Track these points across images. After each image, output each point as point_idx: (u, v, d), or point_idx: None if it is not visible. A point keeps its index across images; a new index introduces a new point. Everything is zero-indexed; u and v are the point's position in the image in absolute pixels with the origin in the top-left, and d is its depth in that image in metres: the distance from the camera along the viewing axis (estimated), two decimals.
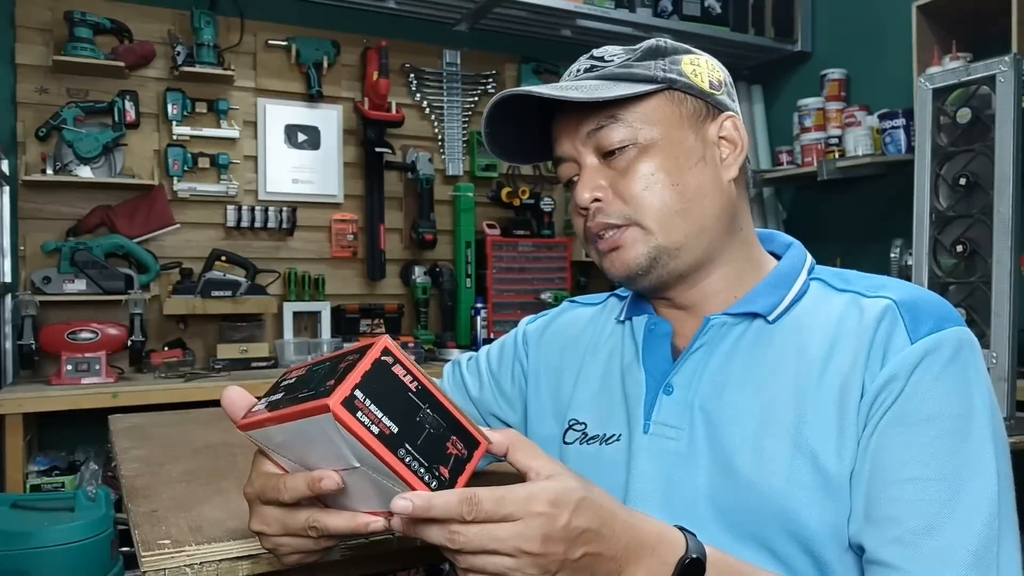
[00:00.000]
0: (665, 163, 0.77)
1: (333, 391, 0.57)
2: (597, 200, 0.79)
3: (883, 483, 0.67)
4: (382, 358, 0.60)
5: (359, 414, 0.57)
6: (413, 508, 0.56)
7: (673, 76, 0.79)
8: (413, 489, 0.59)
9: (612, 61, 0.81)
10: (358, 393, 0.58)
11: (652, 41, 0.82)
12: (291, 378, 0.68)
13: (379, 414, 0.58)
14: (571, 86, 0.78)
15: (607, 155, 0.79)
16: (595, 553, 0.60)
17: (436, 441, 0.60)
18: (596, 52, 0.83)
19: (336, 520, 0.64)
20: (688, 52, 0.82)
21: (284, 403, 0.64)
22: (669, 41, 0.82)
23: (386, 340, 0.61)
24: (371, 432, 0.57)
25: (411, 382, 0.61)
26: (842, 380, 0.71)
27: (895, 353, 0.69)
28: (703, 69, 0.81)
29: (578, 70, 0.82)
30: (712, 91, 0.81)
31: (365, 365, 0.59)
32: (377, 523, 0.63)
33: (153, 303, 2.94)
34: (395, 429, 0.59)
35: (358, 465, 0.61)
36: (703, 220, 0.78)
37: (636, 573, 0.61)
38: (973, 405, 0.68)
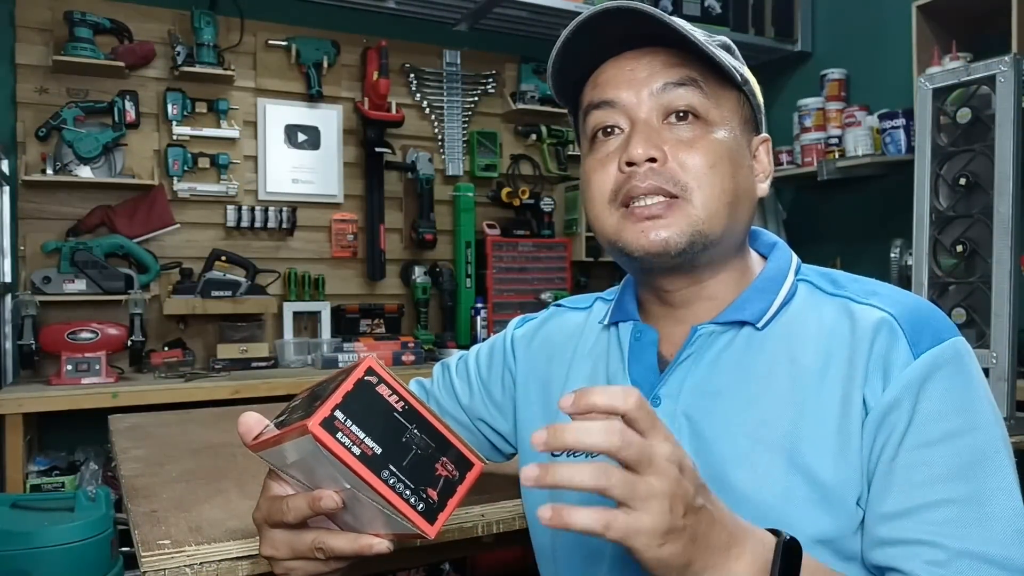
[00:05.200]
0: (729, 151, 0.75)
1: (315, 412, 0.57)
2: (653, 160, 0.73)
3: (910, 507, 0.66)
4: (365, 378, 0.59)
5: (339, 435, 0.57)
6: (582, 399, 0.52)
7: (746, 76, 0.78)
8: (399, 511, 0.58)
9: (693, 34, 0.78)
10: (338, 414, 0.57)
11: (725, 38, 0.81)
12: (299, 398, 0.68)
13: (361, 435, 0.57)
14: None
15: (668, 120, 0.75)
16: (710, 514, 0.56)
17: (424, 462, 0.59)
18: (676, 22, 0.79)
19: (340, 541, 0.64)
20: (746, 64, 0.82)
21: (283, 424, 0.64)
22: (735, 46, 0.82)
23: (371, 360, 0.60)
24: (352, 453, 0.57)
25: (397, 402, 0.60)
26: (841, 394, 0.70)
27: (899, 369, 0.68)
28: (757, 86, 0.82)
29: None
30: (763, 110, 0.82)
31: (347, 386, 0.58)
32: (381, 544, 0.63)
33: (153, 303, 2.94)
34: (378, 450, 0.58)
35: (348, 486, 0.60)
36: (738, 222, 0.77)
37: (743, 550, 0.57)
38: (983, 415, 0.68)
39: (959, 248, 1.81)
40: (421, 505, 0.59)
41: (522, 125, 3.69)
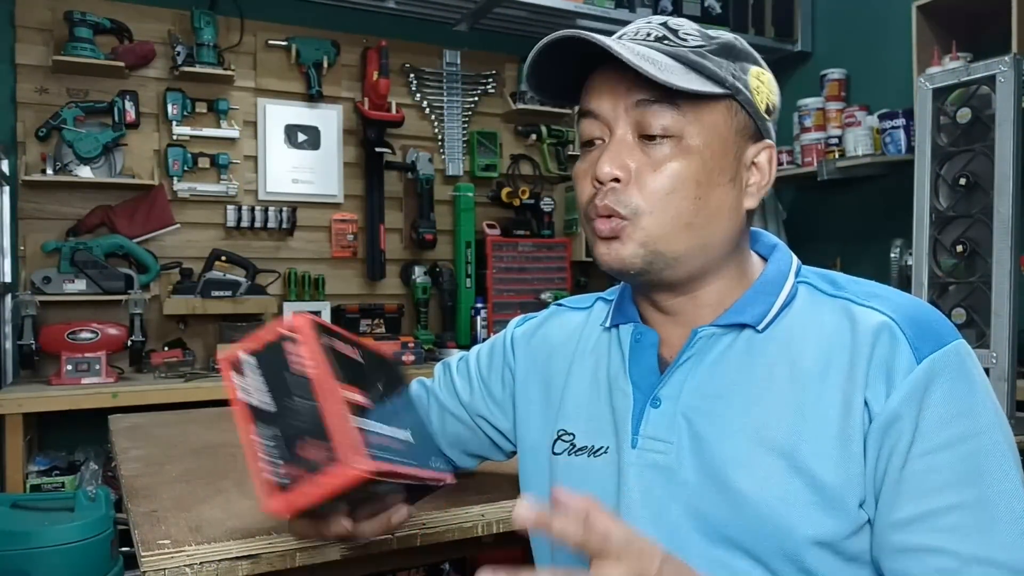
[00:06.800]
0: (698, 173, 0.73)
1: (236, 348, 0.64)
2: (616, 180, 0.74)
3: (919, 514, 0.66)
4: (286, 336, 0.63)
5: (234, 376, 0.63)
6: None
7: (739, 86, 0.75)
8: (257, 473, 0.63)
9: (686, 42, 0.75)
10: (242, 354, 0.63)
11: (730, 37, 0.78)
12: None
13: (252, 383, 0.62)
14: (643, 55, 0.71)
15: (644, 136, 0.74)
16: None
17: (294, 439, 0.61)
18: (671, 23, 0.76)
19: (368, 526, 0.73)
20: (757, 63, 0.78)
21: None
22: (744, 43, 0.78)
23: (304, 317, 0.64)
24: (242, 394, 0.63)
25: (305, 366, 0.62)
26: (842, 397, 0.70)
27: (902, 374, 0.68)
28: (765, 88, 0.78)
29: (648, 35, 0.76)
30: (765, 116, 0.78)
31: (268, 335, 0.64)
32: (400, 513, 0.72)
33: (153, 303, 2.94)
34: (261, 402, 0.62)
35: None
36: (709, 238, 0.75)
37: None
38: (986, 419, 0.68)
39: (959, 248, 1.81)
40: (275, 478, 0.61)
41: (522, 125, 3.69)
